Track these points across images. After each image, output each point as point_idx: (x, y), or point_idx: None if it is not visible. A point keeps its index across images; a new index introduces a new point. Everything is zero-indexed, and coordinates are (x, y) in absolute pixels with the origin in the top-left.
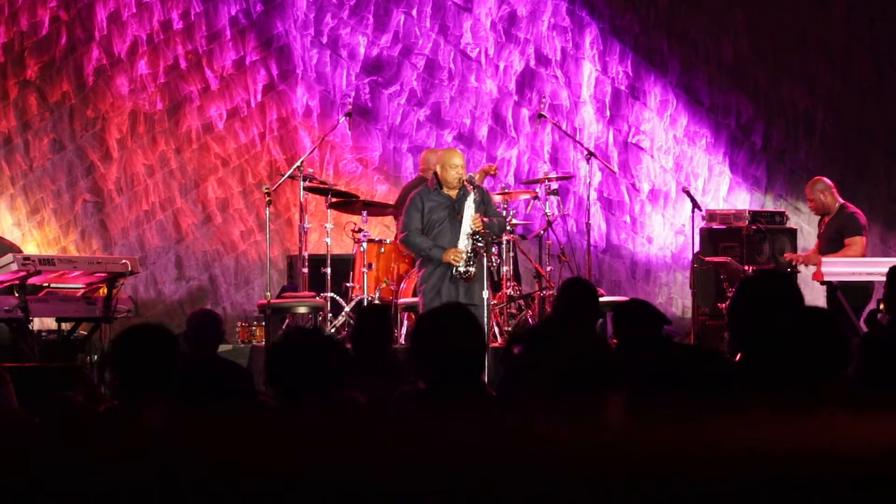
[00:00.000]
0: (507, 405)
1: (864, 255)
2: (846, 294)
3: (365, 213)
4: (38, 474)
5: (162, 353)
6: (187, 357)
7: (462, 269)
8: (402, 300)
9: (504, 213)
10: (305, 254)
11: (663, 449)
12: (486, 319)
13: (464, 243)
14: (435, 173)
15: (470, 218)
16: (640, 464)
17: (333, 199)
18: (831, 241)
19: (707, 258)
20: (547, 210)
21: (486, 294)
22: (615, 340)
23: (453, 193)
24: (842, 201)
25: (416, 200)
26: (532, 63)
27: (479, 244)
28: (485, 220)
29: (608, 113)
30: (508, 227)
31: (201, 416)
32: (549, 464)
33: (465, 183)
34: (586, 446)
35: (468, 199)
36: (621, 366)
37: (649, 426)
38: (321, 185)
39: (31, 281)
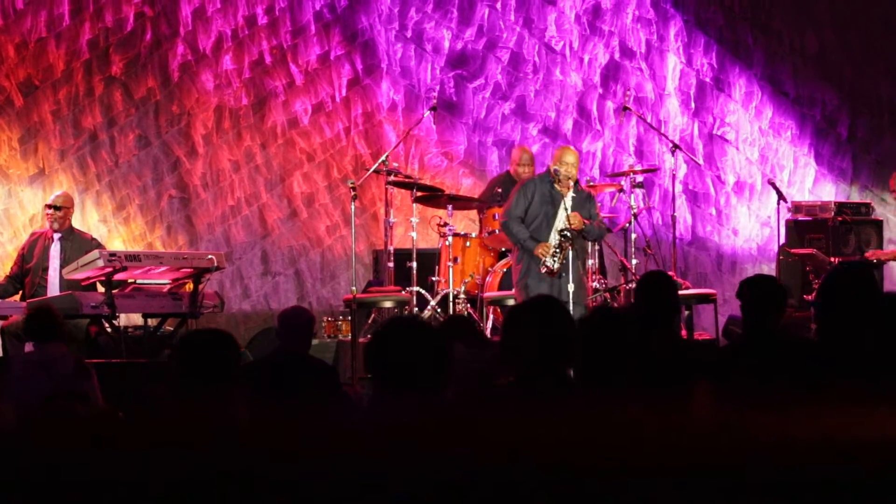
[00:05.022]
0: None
1: None
2: None
3: (450, 206)
4: (123, 465)
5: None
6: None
7: (549, 263)
8: (487, 294)
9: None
10: (391, 248)
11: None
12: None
13: (554, 239)
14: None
15: (564, 214)
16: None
17: (419, 194)
18: None
19: (793, 250)
20: (632, 203)
21: (571, 287)
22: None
23: (564, 190)
24: None
25: (527, 186)
26: (617, 56)
27: (566, 240)
28: (585, 221)
29: (693, 105)
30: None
31: (283, 411)
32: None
33: (561, 178)
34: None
35: (567, 197)
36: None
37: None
38: (406, 180)
39: (117, 277)
